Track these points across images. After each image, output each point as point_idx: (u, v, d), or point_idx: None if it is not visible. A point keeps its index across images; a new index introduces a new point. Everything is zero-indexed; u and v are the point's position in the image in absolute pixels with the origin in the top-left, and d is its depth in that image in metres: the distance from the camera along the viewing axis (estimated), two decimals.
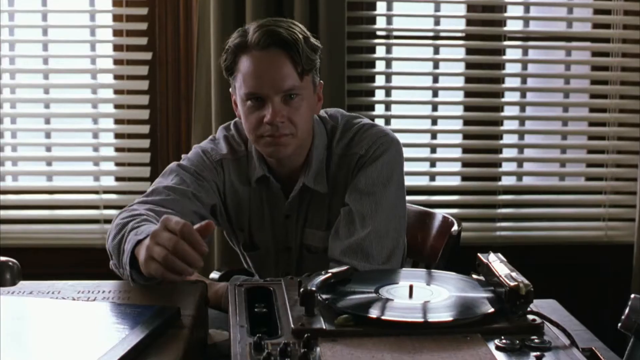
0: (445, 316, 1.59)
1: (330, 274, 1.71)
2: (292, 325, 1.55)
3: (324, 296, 1.65)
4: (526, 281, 1.61)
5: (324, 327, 1.54)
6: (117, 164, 3.36)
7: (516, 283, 1.60)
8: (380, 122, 3.25)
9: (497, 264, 1.73)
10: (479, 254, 1.80)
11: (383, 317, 1.56)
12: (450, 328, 1.55)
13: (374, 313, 1.58)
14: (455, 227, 2.45)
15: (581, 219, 3.49)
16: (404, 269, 2.15)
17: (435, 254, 2.46)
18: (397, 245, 2.15)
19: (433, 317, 1.59)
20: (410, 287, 1.70)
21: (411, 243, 2.51)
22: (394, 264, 2.14)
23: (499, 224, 3.45)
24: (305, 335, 1.48)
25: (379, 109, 3.38)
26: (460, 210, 3.41)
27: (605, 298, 3.47)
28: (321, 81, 2.17)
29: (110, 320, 1.71)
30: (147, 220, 1.92)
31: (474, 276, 1.81)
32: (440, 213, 2.59)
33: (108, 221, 3.26)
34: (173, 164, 2.19)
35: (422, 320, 1.57)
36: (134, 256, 1.79)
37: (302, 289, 1.60)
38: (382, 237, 2.09)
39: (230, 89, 2.18)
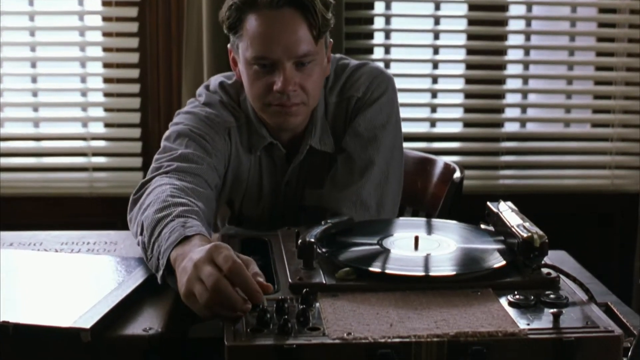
0: (453, 270, 1.49)
1: (330, 224, 1.61)
2: (290, 280, 1.45)
3: (324, 248, 1.54)
4: (540, 232, 1.51)
5: (324, 281, 1.44)
6: (106, 110, 3.24)
7: (530, 234, 1.49)
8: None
9: (508, 213, 1.63)
10: (488, 203, 1.70)
11: (387, 271, 1.46)
12: (459, 282, 1.45)
13: (377, 266, 1.48)
14: (457, 174, 2.34)
15: (587, 167, 3.39)
16: (409, 218, 2.04)
17: (436, 202, 2.37)
18: (398, 193, 2.05)
19: (440, 271, 1.49)
20: (416, 239, 1.59)
21: (411, 190, 2.42)
22: (393, 213, 2.04)
23: (501, 172, 3.35)
24: (304, 290, 1.38)
25: (378, 53, 3.26)
26: (462, 158, 3.31)
27: (612, 248, 3.38)
28: (331, 40, 1.99)
29: (103, 272, 1.61)
30: (188, 213, 1.61)
31: (483, 226, 1.71)
32: (441, 159, 2.49)
33: (97, 169, 3.22)
34: (182, 128, 1.93)
35: (428, 274, 1.47)
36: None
37: (300, 241, 1.50)
38: (382, 185, 1.99)
39: (229, 45, 1.97)
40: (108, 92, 3.21)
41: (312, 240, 1.49)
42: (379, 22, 3.28)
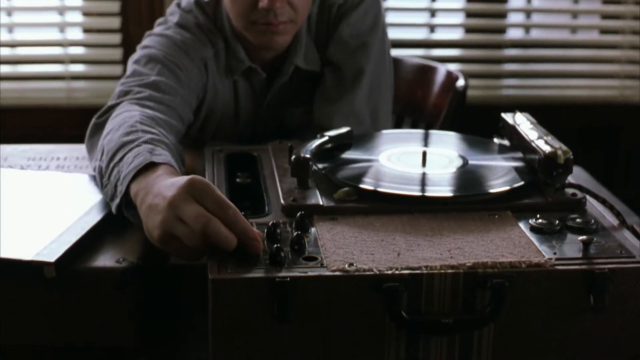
0: (466, 189, 1.33)
1: (327, 138, 1.44)
2: (282, 201, 1.28)
3: (320, 165, 1.37)
4: (564, 147, 1.34)
5: (321, 202, 1.27)
6: (84, 14, 3.03)
7: (553, 149, 1.33)
8: None
9: (527, 126, 1.46)
10: (502, 114, 1.53)
11: (392, 191, 1.29)
12: (473, 205, 1.28)
13: (381, 185, 1.31)
14: (460, 82, 2.19)
15: (595, 77, 3.22)
16: (412, 130, 1.86)
17: (438, 113, 2.22)
18: (390, 102, 1.91)
19: (453, 191, 1.32)
20: (424, 154, 1.42)
21: (410, 100, 2.27)
22: (388, 125, 1.88)
23: (504, 82, 3.19)
24: (299, 214, 1.21)
25: None
26: (463, 66, 3.13)
27: (619, 162, 3.22)
28: None
29: (72, 193, 1.44)
30: (158, 143, 1.39)
31: (497, 140, 1.53)
32: (443, 67, 2.34)
33: (75, 77, 3.02)
34: (154, 52, 1.71)
35: (440, 195, 1.30)
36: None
37: (293, 157, 1.32)
38: (374, 94, 1.82)
39: None
40: None
41: (308, 155, 1.32)
42: None
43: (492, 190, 1.30)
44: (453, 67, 2.72)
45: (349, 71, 1.80)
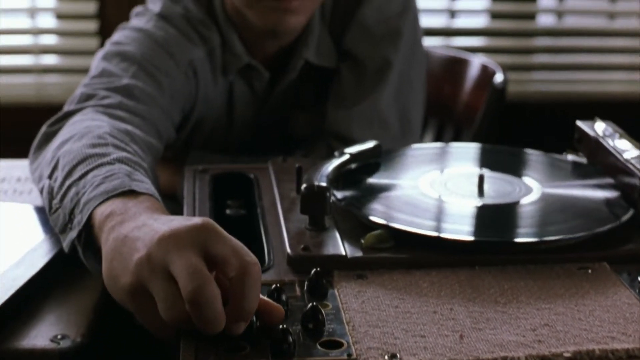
0: (543, 230, 0.96)
1: (348, 156, 1.07)
2: (289, 250, 0.91)
3: (340, 194, 1.01)
4: None
5: (344, 252, 0.91)
6: None
7: None
8: None
9: (615, 138, 1.09)
10: (578, 123, 1.17)
11: (445, 234, 0.93)
12: (554, 253, 0.92)
13: (428, 225, 0.95)
14: (499, 77, 1.84)
15: (635, 69, 2.85)
16: (458, 144, 1.49)
17: (471, 114, 1.88)
18: (423, 103, 1.56)
19: (524, 233, 0.96)
20: (480, 179, 1.05)
21: (436, 98, 1.92)
22: (419, 131, 1.55)
23: (535, 75, 2.85)
24: (313, 271, 0.84)
25: None
26: (487, 57, 2.76)
27: None
28: None
29: (10, 228, 1.07)
30: (134, 164, 1.03)
31: (571, 157, 1.17)
32: (476, 58, 2.00)
33: (45, 70, 2.69)
34: (128, 49, 1.35)
35: (509, 239, 0.93)
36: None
37: (304, 186, 0.95)
38: (404, 93, 1.48)
39: None
40: None
41: (324, 184, 0.95)
42: None
43: (580, 233, 0.94)
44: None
45: (372, 65, 1.45)
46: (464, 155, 1.23)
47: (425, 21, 2.69)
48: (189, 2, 1.43)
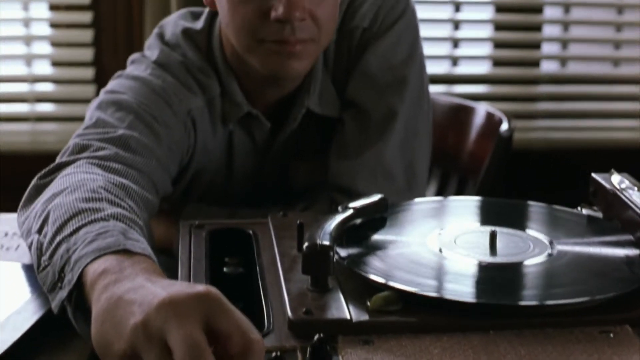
0: (560, 292, 0.90)
1: (352, 211, 1.01)
2: (290, 313, 0.85)
3: (344, 253, 0.95)
4: None
5: (348, 315, 0.85)
6: (53, 45, 2.67)
7: None
8: None
9: (632, 191, 1.04)
10: (593, 175, 1.12)
11: (455, 297, 0.87)
12: (573, 316, 0.87)
13: (437, 287, 0.89)
14: (505, 126, 1.82)
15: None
16: (465, 197, 1.44)
17: (477, 164, 1.84)
18: (429, 154, 1.50)
19: (540, 295, 0.90)
20: (492, 236, 1.00)
21: (440, 147, 1.87)
22: (424, 185, 1.49)
23: (539, 123, 2.82)
24: (316, 337, 0.79)
25: None
26: (490, 105, 2.74)
27: None
28: None
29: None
30: (130, 222, 1.00)
31: (586, 211, 1.12)
32: (481, 106, 1.97)
33: (40, 119, 2.67)
34: (124, 99, 1.30)
35: (525, 303, 0.88)
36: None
37: (306, 244, 0.90)
38: (409, 143, 1.43)
39: None
40: (55, 23, 2.64)
41: (327, 243, 0.89)
42: None
43: (600, 296, 0.88)
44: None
45: (377, 115, 1.39)
46: (473, 210, 1.18)
47: (427, 68, 2.68)
48: (188, 49, 1.39)
